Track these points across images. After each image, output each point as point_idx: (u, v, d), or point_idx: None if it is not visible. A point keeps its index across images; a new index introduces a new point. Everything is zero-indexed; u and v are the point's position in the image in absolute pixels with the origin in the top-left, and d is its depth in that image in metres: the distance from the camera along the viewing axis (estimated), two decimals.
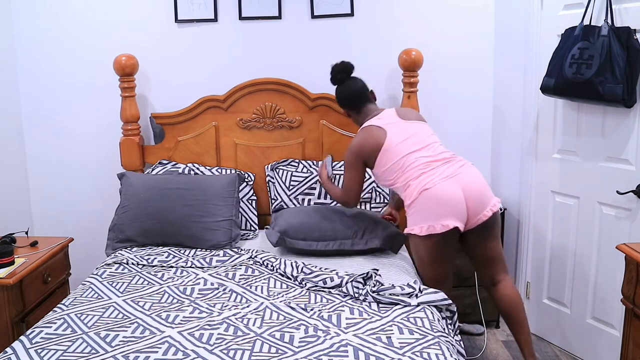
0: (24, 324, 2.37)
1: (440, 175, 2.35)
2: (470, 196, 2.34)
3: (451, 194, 2.31)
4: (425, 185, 2.33)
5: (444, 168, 2.38)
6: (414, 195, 2.35)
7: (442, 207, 2.31)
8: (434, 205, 2.33)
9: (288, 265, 2.47)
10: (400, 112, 2.60)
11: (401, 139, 2.47)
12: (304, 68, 3.19)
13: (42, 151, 3.30)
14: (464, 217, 2.34)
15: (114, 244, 2.81)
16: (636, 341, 2.12)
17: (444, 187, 2.32)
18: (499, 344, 2.99)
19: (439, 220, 2.30)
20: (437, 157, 2.44)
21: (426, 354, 1.78)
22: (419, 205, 2.35)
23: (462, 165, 2.42)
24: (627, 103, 2.35)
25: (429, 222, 2.32)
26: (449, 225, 2.30)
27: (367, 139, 2.52)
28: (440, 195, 2.31)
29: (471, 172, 2.41)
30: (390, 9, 3.17)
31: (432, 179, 2.34)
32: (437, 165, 2.39)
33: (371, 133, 2.52)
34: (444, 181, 2.33)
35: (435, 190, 2.32)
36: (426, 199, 2.33)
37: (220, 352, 1.81)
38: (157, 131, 3.20)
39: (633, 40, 2.31)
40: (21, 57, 3.21)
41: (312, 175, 3.01)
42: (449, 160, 2.44)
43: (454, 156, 2.48)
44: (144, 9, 3.16)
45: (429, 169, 2.38)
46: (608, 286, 2.60)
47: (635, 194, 2.42)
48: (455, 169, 2.38)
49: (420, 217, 2.36)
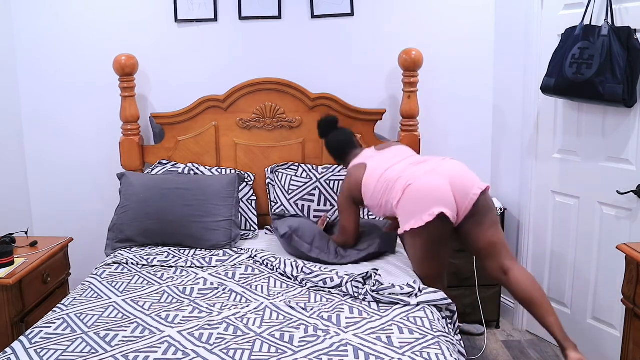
0: (24, 324, 2.37)
1: (422, 171, 2.39)
2: (454, 182, 2.35)
3: (435, 183, 2.33)
4: (408, 182, 2.36)
5: (423, 166, 2.43)
6: (399, 194, 2.37)
7: (427, 198, 2.32)
8: (418, 198, 2.33)
9: (288, 265, 2.47)
10: (378, 147, 2.73)
11: (379, 164, 2.55)
12: (304, 68, 3.19)
13: (42, 151, 3.30)
14: (452, 205, 2.32)
15: (113, 244, 2.81)
16: (636, 341, 2.12)
17: (427, 180, 2.34)
18: (499, 344, 2.99)
19: (426, 212, 2.30)
20: (415, 161, 2.50)
21: (426, 354, 1.77)
22: (405, 201, 2.36)
23: (442, 159, 2.47)
24: (627, 103, 2.35)
25: (418, 215, 2.32)
26: (435, 212, 2.28)
27: (351, 178, 2.61)
28: (424, 187, 2.33)
29: (452, 162, 2.45)
30: (390, 9, 3.17)
31: (414, 175, 2.38)
32: (416, 166, 2.45)
33: (354, 172, 2.62)
34: (426, 175, 2.36)
35: (418, 184, 2.34)
36: (410, 193, 2.35)
37: (220, 352, 1.81)
38: (157, 131, 3.20)
39: (633, 40, 2.31)
40: (21, 57, 3.21)
41: (312, 181, 3.00)
42: (428, 160, 2.50)
43: (433, 157, 2.53)
44: (144, 9, 3.16)
45: (408, 171, 2.43)
46: (608, 286, 2.60)
47: (635, 194, 2.41)
48: (436, 163, 2.43)
49: (408, 213, 2.36)
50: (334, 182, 2.98)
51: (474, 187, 2.36)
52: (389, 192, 2.43)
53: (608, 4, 2.39)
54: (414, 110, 3.06)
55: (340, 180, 2.97)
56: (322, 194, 2.96)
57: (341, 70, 3.21)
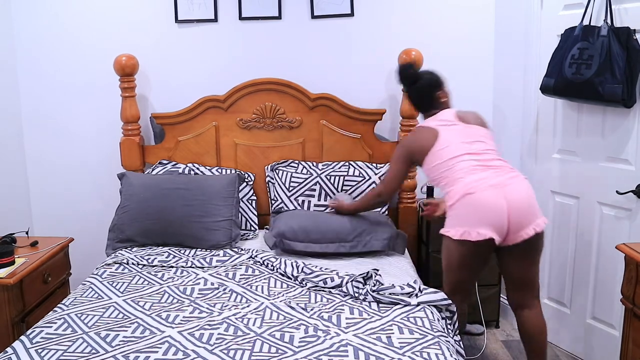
0: (24, 323, 2.37)
1: (486, 182, 2.24)
2: (514, 210, 2.21)
3: (493, 203, 2.20)
4: (469, 190, 2.23)
5: (491, 175, 2.26)
6: (456, 197, 2.26)
7: (482, 215, 2.21)
8: (473, 211, 2.23)
9: (288, 265, 2.47)
10: (460, 114, 2.49)
11: (452, 141, 2.37)
12: (304, 68, 3.19)
13: (42, 151, 3.30)
14: (502, 231, 2.22)
15: (114, 244, 2.82)
16: (636, 341, 2.12)
17: (487, 195, 2.21)
18: (499, 344, 2.99)
19: (476, 228, 2.20)
20: (487, 163, 2.31)
21: (426, 354, 1.78)
22: (459, 208, 2.26)
23: (512, 177, 2.28)
24: (626, 103, 2.35)
25: (466, 228, 2.22)
26: (485, 235, 2.19)
27: (419, 141, 2.46)
28: (482, 203, 2.21)
29: (520, 185, 2.27)
30: (390, 9, 3.17)
31: (477, 185, 2.23)
32: (485, 171, 2.28)
33: (422, 134, 2.47)
34: (488, 189, 2.22)
35: (477, 197, 2.22)
36: (467, 203, 2.24)
37: (220, 352, 1.81)
38: (157, 131, 3.20)
39: (633, 41, 2.31)
40: (21, 57, 3.21)
41: (312, 177, 3.01)
42: (499, 168, 2.31)
43: (506, 166, 2.35)
44: (144, 9, 3.16)
45: (476, 173, 2.27)
46: (608, 286, 2.60)
47: (635, 194, 2.42)
48: (504, 179, 2.26)
49: (458, 220, 2.27)
50: (334, 177, 2.99)
51: (530, 227, 2.23)
52: (447, 183, 2.33)
53: (607, 5, 2.39)
54: (414, 110, 3.06)
55: (340, 176, 2.98)
56: (323, 189, 2.97)
57: (341, 70, 3.21)
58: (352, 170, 3.03)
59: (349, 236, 2.68)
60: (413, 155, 2.48)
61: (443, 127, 2.43)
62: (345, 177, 3.00)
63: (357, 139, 3.13)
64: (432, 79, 2.55)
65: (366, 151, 3.13)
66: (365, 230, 2.70)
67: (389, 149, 3.15)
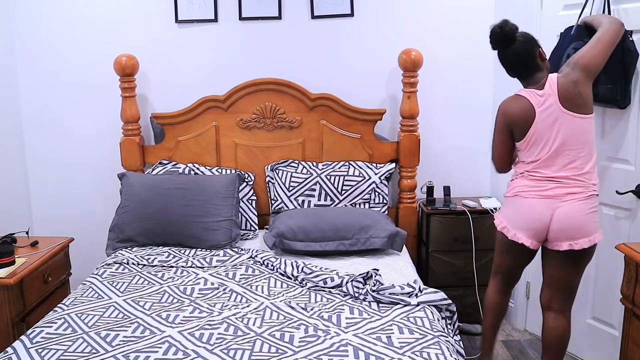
0: (25, 323, 2.37)
1: (540, 191, 2.24)
2: (555, 224, 2.21)
3: (536, 214, 2.23)
4: (522, 190, 2.27)
5: (552, 186, 2.23)
6: (511, 192, 2.34)
7: (522, 221, 2.27)
8: (516, 213, 2.30)
9: (288, 265, 2.47)
10: (562, 91, 2.18)
11: (539, 138, 2.22)
12: (304, 68, 3.19)
13: (42, 151, 3.30)
14: (540, 238, 2.26)
15: (114, 244, 2.82)
16: (635, 341, 2.12)
17: (534, 205, 2.23)
18: (498, 344, 2.99)
19: (514, 229, 2.28)
20: (552, 176, 2.23)
21: (426, 354, 1.78)
22: (508, 203, 2.36)
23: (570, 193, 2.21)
24: (620, 104, 2.35)
25: (506, 224, 2.32)
26: (519, 238, 2.26)
27: (517, 111, 2.26)
28: (526, 210, 2.26)
29: (572, 206, 2.20)
30: (390, 9, 3.17)
31: (530, 191, 2.26)
32: (546, 182, 2.24)
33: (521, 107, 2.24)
34: (539, 199, 2.23)
35: (525, 202, 2.26)
36: (514, 203, 2.31)
37: (221, 352, 1.81)
38: (157, 131, 3.20)
39: (628, 42, 2.31)
40: (21, 57, 3.21)
41: (312, 177, 3.01)
42: (560, 183, 2.23)
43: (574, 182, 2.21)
44: (144, 9, 3.16)
45: (536, 181, 2.26)
46: (608, 286, 2.60)
47: (634, 194, 2.42)
48: (560, 194, 2.21)
49: (504, 212, 2.37)
50: (334, 177, 3.00)
51: (566, 242, 2.20)
52: (516, 171, 2.36)
53: (605, 5, 2.39)
54: (414, 110, 3.07)
55: (340, 176, 2.99)
56: (323, 189, 2.98)
57: (341, 70, 3.22)
58: (352, 170, 3.04)
59: (348, 234, 2.68)
60: (509, 125, 2.30)
61: (541, 108, 2.20)
62: (345, 177, 3.01)
63: (357, 139, 3.13)
64: (527, 35, 2.26)
65: (366, 151, 3.14)
66: (364, 228, 2.70)
67: (389, 149, 3.15)
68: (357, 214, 2.80)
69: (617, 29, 2.23)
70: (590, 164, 2.22)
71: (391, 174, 3.09)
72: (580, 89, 2.17)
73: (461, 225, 3.02)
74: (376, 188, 3.02)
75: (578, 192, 2.21)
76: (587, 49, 2.21)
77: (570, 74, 2.19)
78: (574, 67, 2.19)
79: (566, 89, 2.18)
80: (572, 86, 2.18)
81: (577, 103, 2.18)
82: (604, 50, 2.20)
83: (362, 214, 2.80)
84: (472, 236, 3.00)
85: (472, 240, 3.00)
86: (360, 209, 2.95)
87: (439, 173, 3.29)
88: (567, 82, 2.18)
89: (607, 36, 2.21)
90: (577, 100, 2.18)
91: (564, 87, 2.18)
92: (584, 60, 2.19)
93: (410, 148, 3.09)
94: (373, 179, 3.01)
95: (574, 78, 2.18)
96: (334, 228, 2.69)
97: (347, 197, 3.00)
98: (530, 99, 2.22)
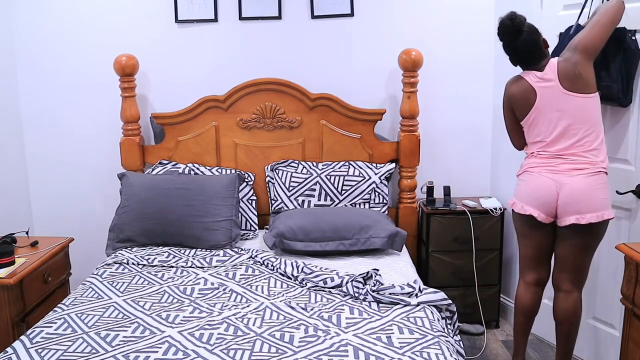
0: (24, 323, 2.37)
1: (548, 166, 2.34)
2: (563, 197, 2.29)
3: (543, 188, 2.32)
4: (530, 167, 2.39)
5: (558, 162, 2.33)
6: (521, 170, 2.45)
7: (530, 194, 2.37)
8: (525, 188, 2.40)
9: (288, 265, 2.47)
10: (563, 73, 2.27)
11: (541, 119, 2.32)
12: (304, 68, 3.19)
13: (42, 151, 3.30)
14: (549, 211, 2.34)
15: (114, 244, 2.82)
16: (636, 341, 2.12)
17: (541, 179, 2.34)
18: (498, 344, 3.00)
19: (521, 202, 2.40)
20: (559, 153, 2.32)
21: (426, 354, 1.78)
22: (518, 182, 2.46)
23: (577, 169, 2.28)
24: (622, 102, 2.36)
25: (515, 199, 2.43)
26: (527, 210, 2.36)
27: (516, 92, 2.38)
28: (533, 185, 2.36)
29: (579, 180, 2.27)
30: (390, 9, 3.17)
31: (538, 166, 2.37)
32: (553, 159, 2.34)
33: (523, 90, 2.35)
34: (545, 174, 2.33)
35: (533, 178, 2.37)
36: (523, 180, 2.42)
37: (221, 352, 1.81)
38: (157, 131, 3.20)
39: (628, 40, 2.31)
40: (21, 57, 3.21)
41: (312, 177, 3.01)
42: (567, 160, 2.31)
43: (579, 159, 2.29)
44: (144, 9, 3.16)
45: (544, 158, 2.37)
46: (608, 286, 2.60)
47: (634, 194, 2.42)
48: (566, 169, 2.29)
49: (515, 191, 2.47)
50: (334, 177, 3.00)
51: (573, 216, 2.27)
52: (525, 148, 2.48)
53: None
54: (414, 110, 3.07)
55: (340, 176, 2.99)
56: (323, 189, 2.98)
57: (341, 70, 3.22)
58: (352, 170, 3.04)
59: (348, 234, 2.68)
60: (511, 105, 2.45)
61: (542, 89, 2.30)
62: (345, 177, 3.01)
63: (357, 139, 3.13)
64: (530, 25, 2.34)
65: (366, 151, 3.14)
66: (364, 228, 2.70)
67: (389, 149, 3.15)
68: (357, 214, 2.80)
69: (616, 8, 2.27)
70: (597, 142, 2.30)
71: (391, 174, 3.09)
72: (580, 70, 2.24)
73: (461, 225, 3.02)
74: (376, 188, 3.02)
75: (585, 168, 2.28)
76: (585, 31, 2.28)
77: (570, 57, 2.27)
78: (574, 50, 2.26)
79: (567, 72, 2.26)
80: (572, 68, 2.25)
81: (579, 84, 2.25)
82: (603, 30, 2.25)
83: (362, 214, 2.80)
84: (472, 236, 3.00)
85: (472, 240, 3.01)
86: (360, 209, 2.95)
87: (439, 173, 3.29)
88: (567, 65, 2.27)
89: (605, 16, 2.26)
90: (578, 81, 2.25)
91: (564, 69, 2.27)
92: (583, 42, 2.25)
93: (410, 148, 3.09)
94: (373, 179, 3.01)
95: (574, 60, 2.25)
96: (334, 228, 2.69)
97: (347, 197, 3.00)
98: (529, 80, 2.33)
